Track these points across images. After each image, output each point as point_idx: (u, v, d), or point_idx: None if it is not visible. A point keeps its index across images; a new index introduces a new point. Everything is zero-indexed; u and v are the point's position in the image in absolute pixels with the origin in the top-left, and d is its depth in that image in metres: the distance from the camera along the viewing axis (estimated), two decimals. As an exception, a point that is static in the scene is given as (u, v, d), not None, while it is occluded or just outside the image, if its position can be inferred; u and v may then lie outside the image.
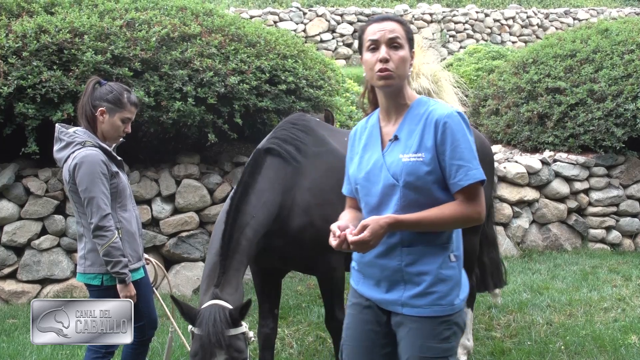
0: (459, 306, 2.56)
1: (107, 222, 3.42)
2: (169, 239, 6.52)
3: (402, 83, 2.54)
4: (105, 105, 3.57)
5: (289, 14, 16.63)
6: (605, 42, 8.50)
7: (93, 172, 3.41)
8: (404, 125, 2.56)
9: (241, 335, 3.09)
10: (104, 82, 3.64)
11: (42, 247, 6.16)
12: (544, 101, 8.25)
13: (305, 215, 3.83)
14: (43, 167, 6.21)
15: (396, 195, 2.51)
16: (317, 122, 4.36)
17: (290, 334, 5.31)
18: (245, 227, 3.52)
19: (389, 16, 2.60)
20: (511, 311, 5.75)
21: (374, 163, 2.60)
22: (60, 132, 3.59)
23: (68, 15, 6.12)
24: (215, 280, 3.30)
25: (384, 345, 2.68)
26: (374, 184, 2.59)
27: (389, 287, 2.58)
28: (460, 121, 2.48)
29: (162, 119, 5.83)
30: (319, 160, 3.99)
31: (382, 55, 2.47)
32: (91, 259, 3.54)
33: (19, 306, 6.01)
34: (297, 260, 4.06)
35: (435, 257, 2.52)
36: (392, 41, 2.50)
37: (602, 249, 7.94)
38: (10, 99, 5.51)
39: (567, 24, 19.11)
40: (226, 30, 6.71)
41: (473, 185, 2.45)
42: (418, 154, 2.47)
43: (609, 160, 8.04)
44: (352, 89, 10.95)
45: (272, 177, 3.76)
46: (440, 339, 2.52)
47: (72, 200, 3.56)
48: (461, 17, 18.20)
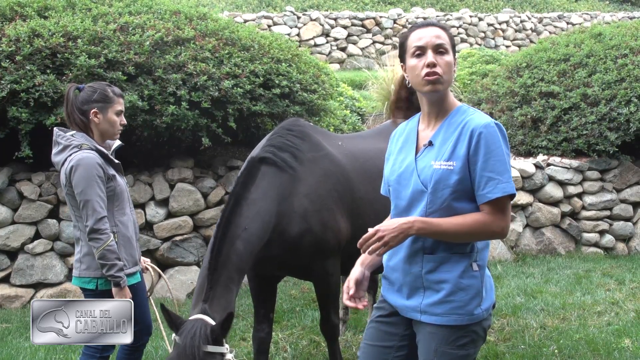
0: (480, 316, 2.53)
1: (103, 225, 3.41)
2: (163, 243, 6.51)
3: (447, 87, 2.55)
4: (95, 106, 3.55)
5: (283, 18, 16.63)
6: (598, 46, 8.53)
7: (89, 175, 3.40)
8: (440, 132, 2.56)
9: (219, 355, 3.06)
10: (82, 86, 3.63)
11: (35, 251, 6.14)
12: (537, 105, 8.27)
13: (304, 222, 3.81)
14: (36, 171, 6.19)
15: (424, 201, 2.51)
16: (312, 127, 4.35)
17: (284, 338, 5.31)
18: (235, 240, 3.48)
19: (432, 22, 2.59)
20: (505, 315, 5.76)
21: (406, 167, 2.61)
22: (58, 136, 3.58)
23: (61, 19, 6.12)
24: (203, 295, 3.29)
25: (399, 348, 2.69)
26: (404, 187, 2.60)
27: (409, 293, 2.58)
28: (496, 132, 2.46)
29: (155, 123, 5.82)
30: (315, 166, 3.97)
31: (430, 60, 2.47)
32: (87, 262, 3.53)
33: (12, 310, 5.99)
34: (294, 267, 4.05)
35: (456, 265, 2.50)
36: (438, 47, 2.50)
37: (595, 253, 7.96)
38: (4, 103, 5.50)
39: (561, 29, 19.16)
40: (220, 34, 6.71)
41: (501, 198, 2.43)
42: (450, 162, 2.47)
43: (603, 164, 8.06)
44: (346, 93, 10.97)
45: (266, 187, 3.73)
46: (457, 346, 2.52)
47: (69, 203, 3.55)
48: (455, 21, 18.23)
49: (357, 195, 4.09)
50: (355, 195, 4.09)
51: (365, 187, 4.14)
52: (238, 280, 3.52)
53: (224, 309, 3.27)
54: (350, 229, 4.03)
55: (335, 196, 3.99)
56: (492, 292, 2.64)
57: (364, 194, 4.12)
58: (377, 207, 3.88)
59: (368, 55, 16.81)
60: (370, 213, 4.04)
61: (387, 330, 2.71)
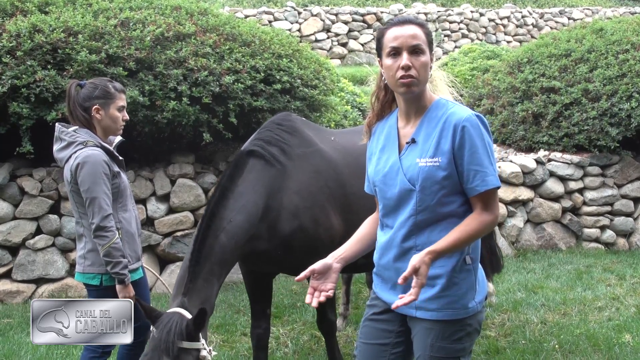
0: (474, 309, 2.54)
1: (109, 223, 3.42)
2: (164, 239, 6.51)
3: (423, 88, 2.53)
4: (96, 102, 3.56)
5: (284, 14, 16.61)
6: (600, 41, 8.51)
7: (95, 172, 3.41)
8: (421, 128, 2.53)
9: (194, 351, 3.06)
10: (83, 83, 3.63)
11: (36, 246, 6.15)
12: (538, 101, 8.26)
13: (295, 219, 3.78)
14: (37, 166, 6.20)
15: (413, 200, 2.50)
16: (304, 122, 4.30)
17: (285, 333, 5.32)
18: (220, 232, 3.46)
19: (409, 18, 2.54)
20: (505, 310, 5.77)
21: (390, 166, 2.58)
22: (60, 132, 3.57)
23: (62, 14, 6.11)
24: (183, 287, 3.28)
25: (395, 345, 2.68)
26: (390, 187, 2.57)
27: (404, 289, 2.54)
28: (479, 125, 2.45)
29: (156, 119, 5.82)
30: (306, 162, 3.93)
31: (405, 63, 2.43)
32: (91, 258, 3.54)
33: (13, 306, 6.00)
34: (288, 264, 4.01)
35: (450, 260, 2.49)
36: (414, 48, 2.45)
37: (596, 249, 7.96)
38: (5, 99, 5.50)
39: (562, 24, 19.13)
40: (221, 29, 6.70)
41: (490, 191, 2.45)
42: (435, 158, 2.45)
43: (604, 159, 8.06)
44: (347, 89, 10.95)
45: (253, 180, 3.70)
46: (452, 340, 2.52)
47: (73, 200, 3.55)
48: (456, 16, 18.21)
49: (349, 190, 4.04)
50: (348, 190, 4.04)
51: (358, 183, 4.06)
52: (220, 274, 3.49)
53: (202, 303, 3.26)
54: (343, 225, 3.99)
55: (327, 192, 3.95)
56: (484, 282, 2.64)
57: (356, 190, 4.04)
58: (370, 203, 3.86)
59: (369, 50, 16.79)
60: (363, 209, 3.98)
61: (382, 327, 2.70)
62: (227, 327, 5.46)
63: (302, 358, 4.87)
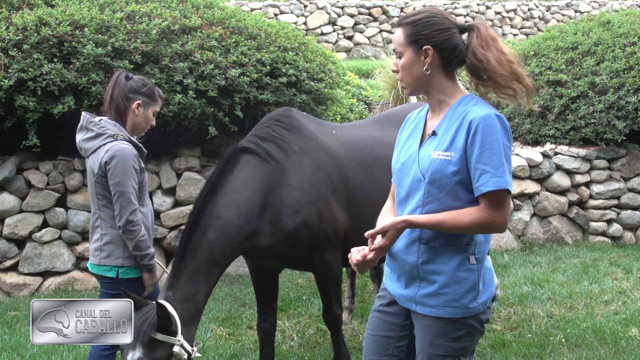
0: (475, 309, 2.52)
1: (136, 217, 3.47)
2: (170, 232, 6.52)
3: (414, 87, 2.60)
4: (141, 99, 3.59)
5: (290, 7, 16.60)
6: (606, 34, 8.47)
7: (126, 166, 3.45)
8: (443, 122, 2.55)
9: (167, 345, 3.10)
10: (130, 76, 3.64)
11: (43, 239, 6.17)
12: (545, 94, 8.23)
13: (298, 214, 3.76)
14: (44, 160, 6.21)
15: (421, 191, 2.51)
16: (305, 116, 4.27)
17: (291, 327, 5.33)
18: (207, 229, 3.45)
19: (399, 20, 2.62)
20: (512, 304, 5.76)
21: (409, 155, 2.61)
22: (88, 122, 3.57)
23: (68, 7, 6.12)
24: (168, 282, 3.31)
25: (400, 338, 2.70)
26: (405, 175, 2.60)
27: (407, 282, 2.58)
28: (496, 124, 2.42)
29: (162, 112, 5.81)
30: (306, 157, 3.90)
31: (392, 68, 2.62)
32: (108, 250, 3.55)
33: (20, 298, 6.02)
34: (293, 259, 4.02)
35: (453, 257, 2.49)
36: (395, 52, 2.59)
37: (602, 242, 7.94)
38: (11, 92, 5.51)
39: (569, 17, 19.06)
40: (227, 22, 6.69)
41: (496, 192, 2.40)
42: (448, 152, 2.46)
43: (610, 153, 8.03)
44: (353, 82, 10.95)
45: (246, 176, 3.67)
46: (452, 338, 2.52)
47: (95, 191, 3.55)
48: (462, 9, 18.16)
49: (352, 184, 4.03)
50: (351, 184, 4.03)
51: (360, 176, 4.08)
52: (210, 273, 3.47)
53: (186, 300, 3.28)
54: (347, 218, 4.00)
55: (330, 186, 3.93)
56: (491, 284, 2.62)
57: (359, 183, 4.06)
58: (374, 196, 3.83)
59: (375, 44, 16.77)
60: (367, 202, 3.99)
61: (388, 320, 2.72)
62: (233, 320, 5.48)
63: (307, 351, 4.88)
